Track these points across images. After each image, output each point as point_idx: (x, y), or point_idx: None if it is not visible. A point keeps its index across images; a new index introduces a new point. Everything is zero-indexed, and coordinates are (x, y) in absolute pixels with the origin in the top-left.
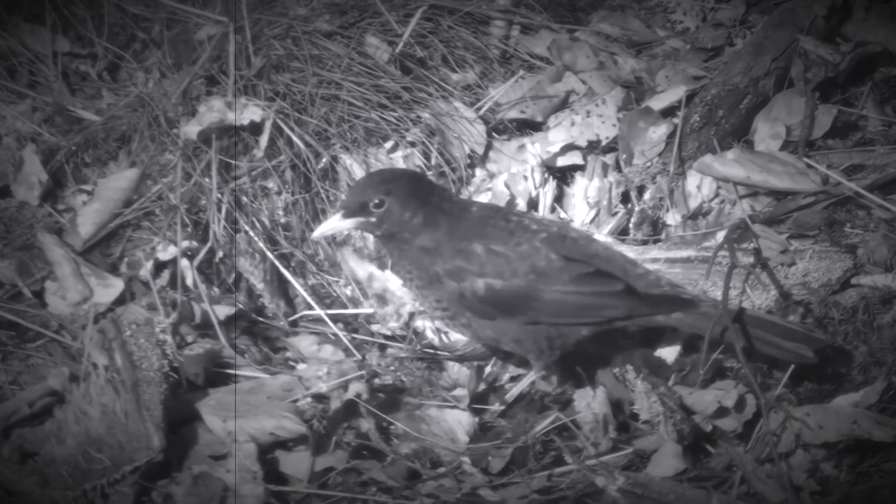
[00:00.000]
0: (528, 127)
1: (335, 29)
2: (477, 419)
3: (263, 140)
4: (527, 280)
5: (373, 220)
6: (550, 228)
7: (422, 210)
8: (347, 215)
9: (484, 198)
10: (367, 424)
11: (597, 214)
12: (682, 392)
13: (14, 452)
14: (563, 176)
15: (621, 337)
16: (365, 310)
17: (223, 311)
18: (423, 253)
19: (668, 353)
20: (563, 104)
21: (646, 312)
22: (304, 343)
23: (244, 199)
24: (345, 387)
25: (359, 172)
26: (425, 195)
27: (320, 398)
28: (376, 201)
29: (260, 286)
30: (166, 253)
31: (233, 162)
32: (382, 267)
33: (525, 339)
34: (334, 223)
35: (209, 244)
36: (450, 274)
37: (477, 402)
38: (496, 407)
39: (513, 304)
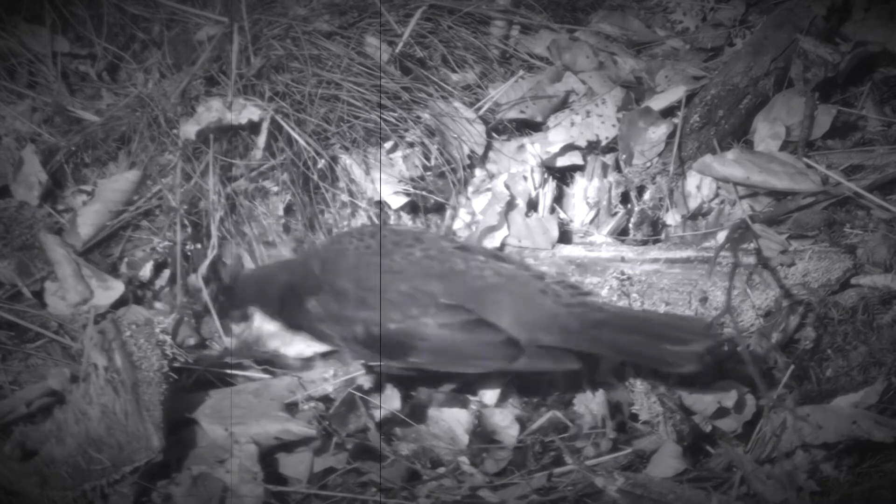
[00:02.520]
0: (528, 127)
1: (335, 29)
2: (476, 419)
3: (261, 140)
4: (403, 326)
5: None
6: (445, 261)
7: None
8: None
9: (483, 198)
10: (367, 425)
11: (596, 215)
12: (681, 392)
13: (16, 449)
14: (562, 176)
15: None
16: None
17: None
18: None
19: None
20: (563, 104)
21: (526, 367)
22: (299, 348)
23: (243, 199)
24: (349, 385)
25: (358, 173)
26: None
27: (326, 399)
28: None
29: None
30: (166, 253)
31: (231, 161)
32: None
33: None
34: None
35: (213, 250)
36: (333, 319)
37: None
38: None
39: (394, 349)
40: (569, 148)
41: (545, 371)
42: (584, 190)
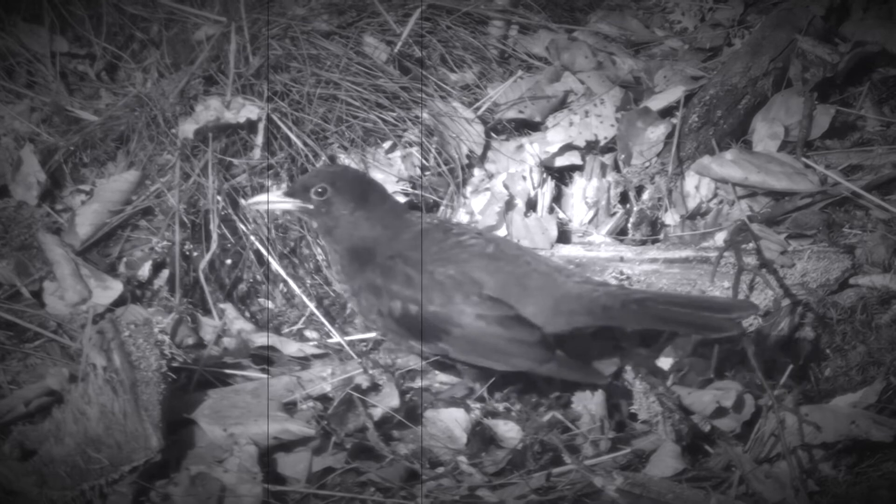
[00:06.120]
0: (527, 127)
1: (333, 29)
2: (474, 418)
3: (259, 139)
4: (442, 311)
5: (310, 206)
6: (484, 250)
7: (360, 212)
8: (288, 194)
9: (482, 198)
10: (366, 424)
11: (595, 214)
12: (680, 392)
13: (14, 449)
14: (561, 176)
15: (620, 337)
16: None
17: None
18: (351, 260)
19: (667, 353)
20: (562, 104)
21: (553, 373)
22: (292, 348)
23: (242, 198)
24: (348, 384)
25: None
26: (369, 199)
27: (325, 399)
28: (319, 189)
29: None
30: (164, 253)
31: (229, 159)
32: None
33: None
34: (273, 198)
35: (213, 248)
36: (370, 289)
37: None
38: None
39: (426, 330)
40: (567, 148)
41: (570, 380)
42: (582, 190)
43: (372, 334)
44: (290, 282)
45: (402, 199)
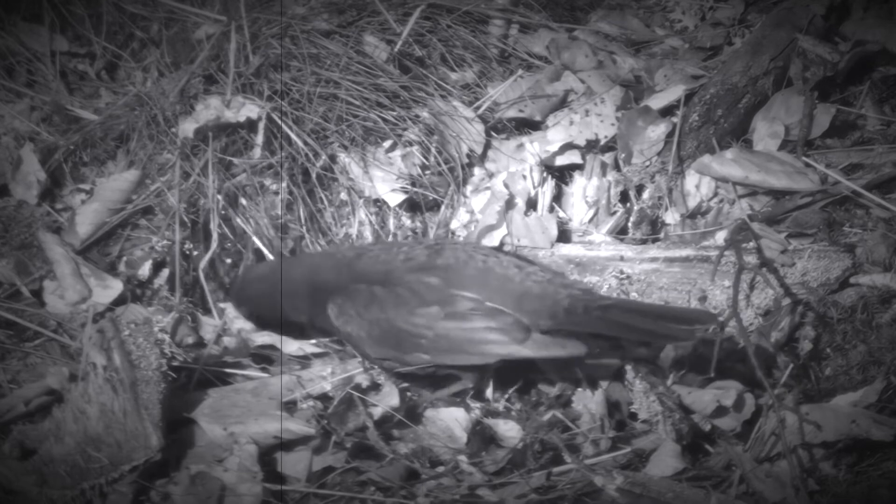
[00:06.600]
0: (527, 126)
1: (333, 28)
2: (475, 418)
3: (259, 138)
4: (411, 320)
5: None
6: (449, 253)
7: (297, 286)
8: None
9: (482, 197)
10: (366, 423)
11: (595, 213)
12: (680, 391)
13: (14, 448)
14: (561, 175)
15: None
16: None
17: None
18: (323, 319)
19: (667, 352)
20: (562, 103)
21: (534, 352)
22: (292, 347)
23: (242, 198)
24: (348, 383)
25: (357, 171)
26: (293, 271)
27: (325, 398)
28: (243, 314)
29: None
30: (164, 252)
31: (229, 158)
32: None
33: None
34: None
35: (213, 247)
36: (353, 329)
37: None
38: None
39: (403, 344)
40: (568, 147)
41: (552, 358)
42: (583, 189)
43: None
44: None
45: (402, 198)
